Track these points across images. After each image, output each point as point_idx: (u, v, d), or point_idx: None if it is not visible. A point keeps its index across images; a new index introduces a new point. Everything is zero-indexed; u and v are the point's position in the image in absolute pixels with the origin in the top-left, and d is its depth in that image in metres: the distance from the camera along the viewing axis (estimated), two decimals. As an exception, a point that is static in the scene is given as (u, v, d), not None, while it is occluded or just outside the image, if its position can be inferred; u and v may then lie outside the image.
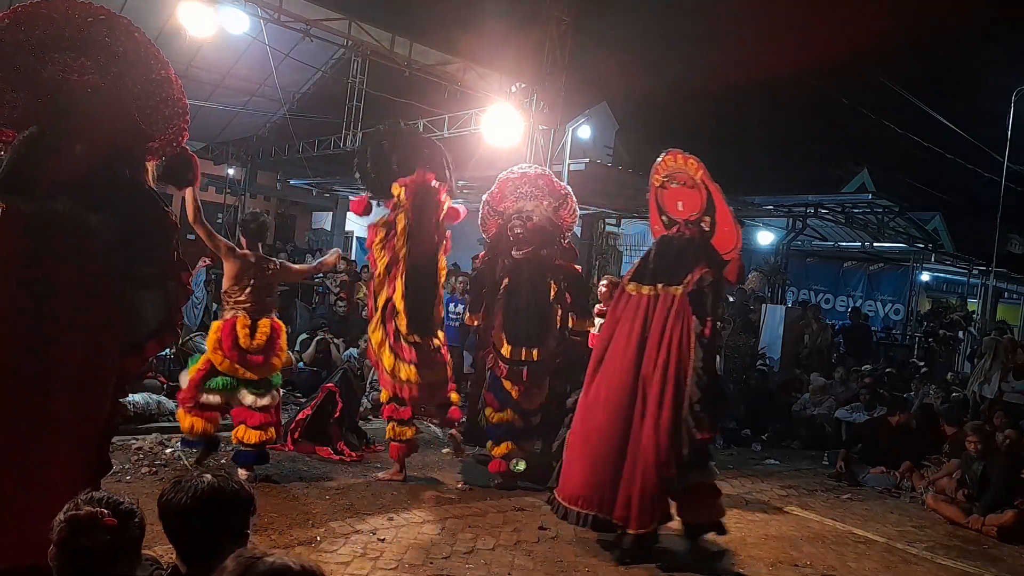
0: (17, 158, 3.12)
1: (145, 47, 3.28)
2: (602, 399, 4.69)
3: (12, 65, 3.15)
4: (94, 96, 3.20)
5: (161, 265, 3.35)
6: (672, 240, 4.91)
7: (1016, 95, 16.90)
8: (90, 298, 3.18)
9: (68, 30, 3.17)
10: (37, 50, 3.15)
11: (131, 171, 3.32)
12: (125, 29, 3.26)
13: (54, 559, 1.90)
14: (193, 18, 8.22)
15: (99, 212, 3.16)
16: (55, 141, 3.16)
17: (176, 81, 3.36)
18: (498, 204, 6.37)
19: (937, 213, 19.69)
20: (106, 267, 3.22)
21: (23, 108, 3.17)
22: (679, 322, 4.57)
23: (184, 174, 3.51)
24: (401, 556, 4.32)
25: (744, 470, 7.75)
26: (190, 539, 2.01)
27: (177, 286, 3.40)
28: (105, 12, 3.24)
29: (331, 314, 11.08)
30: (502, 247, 6.19)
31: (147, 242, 3.30)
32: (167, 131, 3.35)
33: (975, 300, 18.48)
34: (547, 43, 9.14)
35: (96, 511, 1.90)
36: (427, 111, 12.36)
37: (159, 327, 3.38)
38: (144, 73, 3.29)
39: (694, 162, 4.87)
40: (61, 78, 3.17)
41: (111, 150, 3.25)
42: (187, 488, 2.01)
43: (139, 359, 3.47)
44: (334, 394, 6.68)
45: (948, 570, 5.30)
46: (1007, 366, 9.39)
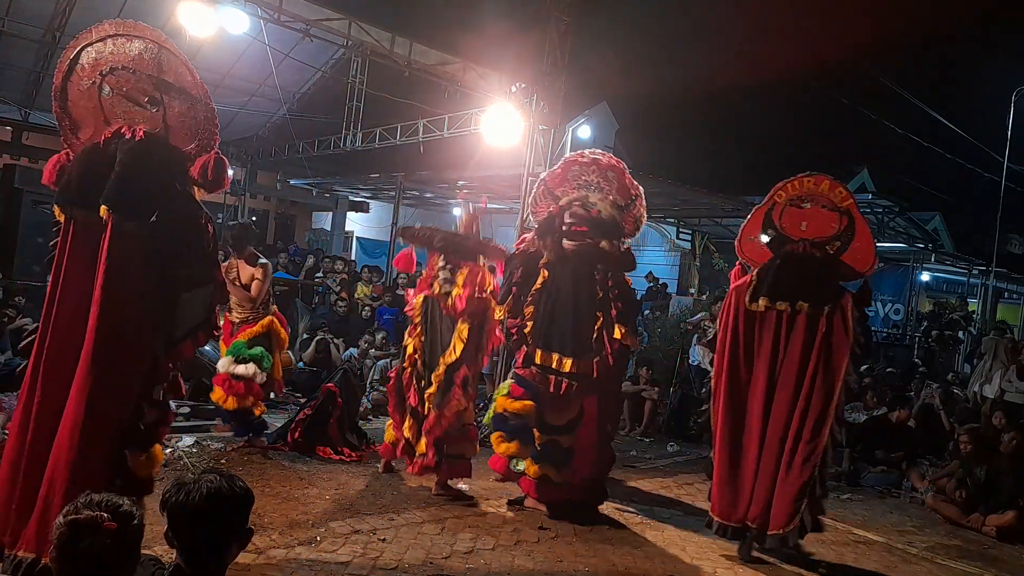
0: (75, 172, 3.41)
1: (181, 61, 3.46)
2: (742, 411, 4.96)
3: (89, 106, 3.53)
4: (140, 115, 3.48)
5: (197, 267, 3.49)
6: (803, 258, 4.96)
7: (1016, 95, 16.91)
8: (130, 300, 3.32)
9: (128, 63, 3.46)
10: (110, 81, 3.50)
11: (169, 176, 3.46)
12: (170, 50, 3.46)
13: (54, 562, 1.91)
14: (193, 18, 8.23)
15: (137, 218, 3.33)
16: (105, 155, 3.39)
17: (203, 85, 3.50)
18: (557, 187, 5.58)
19: (937, 213, 19.69)
20: (145, 271, 3.36)
21: (92, 135, 3.52)
22: (827, 339, 4.79)
23: (218, 177, 3.57)
24: (401, 556, 4.32)
25: (744, 470, 7.75)
26: (193, 539, 2.01)
27: (213, 287, 3.55)
28: (155, 36, 3.47)
29: (331, 314, 11.08)
30: (550, 235, 5.47)
31: (184, 246, 3.44)
32: (201, 135, 3.49)
33: (975, 300, 18.49)
34: (547, 43, 9.14)
35: (96, 515, 1.90)
36: (427, 111, 12.36)
37: (195, 327, 3.51)
38: (182, 88, 3.46)
39: (843, 190, 5.09)
40: (123, 113, 3.49)
41: (150, 158, 3.42)
42: (189, 488, 2.02)
43: (175, 359, 3.56)
44: (334, 394, 6.67)
45: (948, 570, 5.30)
46: (1008, 365, 9.38)
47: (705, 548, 5.08)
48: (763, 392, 4.88)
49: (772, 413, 4.86)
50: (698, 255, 18.52)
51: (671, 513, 5.84)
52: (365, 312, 11.55)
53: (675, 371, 9.40)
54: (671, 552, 4.91)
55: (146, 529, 2.04)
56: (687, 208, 14.77)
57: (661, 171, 13.04)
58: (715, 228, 17.36)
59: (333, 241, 19.07)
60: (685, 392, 9.34)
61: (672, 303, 12.73)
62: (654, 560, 4.72)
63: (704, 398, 9.05)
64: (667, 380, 9.43)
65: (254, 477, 5.46)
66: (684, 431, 9.13)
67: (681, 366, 9.42)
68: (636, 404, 9.13)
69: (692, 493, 6.54)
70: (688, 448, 8.52)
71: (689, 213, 15.58)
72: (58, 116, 3.62)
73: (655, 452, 8.25)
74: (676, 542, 5.12)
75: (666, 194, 13.14)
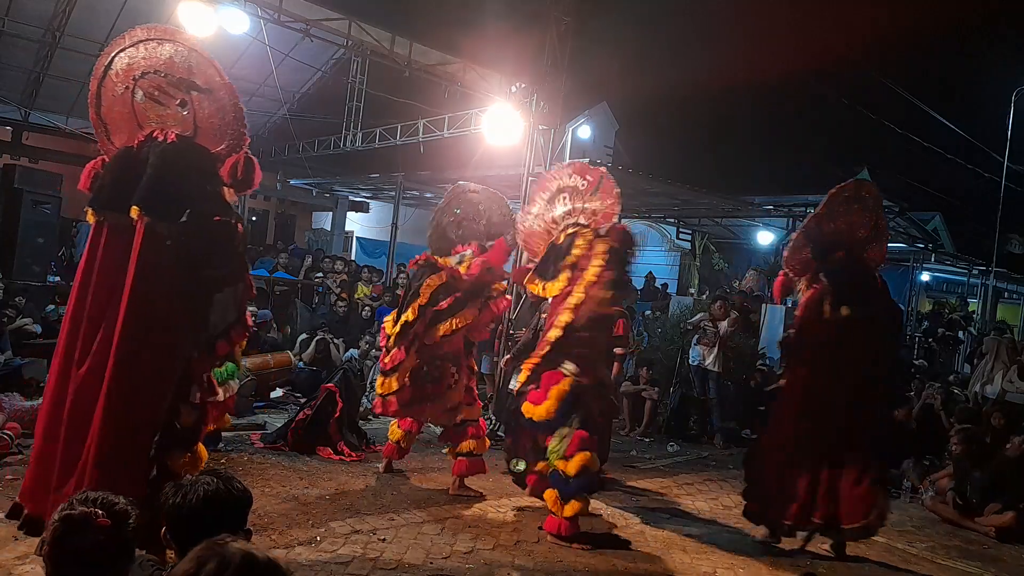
0: (108, 176, 3.49)
1: (211, 64, 3.51)
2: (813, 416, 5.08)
3: (124, 111, 3.58)
4: (172, 118, 3.53)
5: (228, 268, 3.53)
6: (857, 264, 5.26)
7: (1016, 95, 16.91)
8: (160, 300, 3.37)
9: (160, 66, 3.51)
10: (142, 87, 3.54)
11: (199, 178, 3.51)
12: (199, 53, 3.51)
13: (47, 557, 1.91)
14: (193, 18, 8.22)
15: (168, 219, 3.38)
16: (137, 159, 3.45)
17: (232, 87, 3.54)
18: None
19: (937, 213, 19.66)
20: (176, 271, 3.41)
21: (127, 139, 3.58)
22: (878, 339, 5.16)
23: (248, 177, 3.60)
24: (401, 556, 4.32)
25: (744, 470, 7.75)
26: (192, 540, 2.01)
27: (244, 288, 3.59)
28: (185, 40, 3.54)
29: (331, 314, 11.08)
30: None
31: (214, 246, 3.48)
32: (230, 136, 3.53)
33: (975, 300, 18.48)
34: (547, 43, 9.13)
35: (90, 511, 1.91)
36: (427, 111, 12.36)
37: (227, 328, 3.55)
38: (211, 90, 3.51)
39: (874, 189, 5.46)
40: (156, 117, 3.54)
41: (181, 160, 3.47)
42: (188, 490, 2.02)
43: (209, 359, 3.60)
44: (334, 394, 6.67)
45: (948, 570, 5.30)
46: (1009, 366, 9.37)
47: (705, 548, 5.08)
48: (831, 396, 5.06)
49: (835, 414, 5.05)
50: (698, 255, 18.51)
51: (671, 513, 5.84)
52: (365, 312, 11.55)
53: (675, 371, 9.39)
54: (671, 552, 4.91)
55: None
56: (687, 208, 14.76)
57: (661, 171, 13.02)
58: (715, 228, 17.35)
59: (333, 241, 19.06)
60: (685, 392, 9.34)
61: (672, 303, 12.72)
62: (654, 560, 4.72)
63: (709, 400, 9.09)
64: (667, 380, 9.43)
65: (254, 477, 5.46)
66: (684, 431, 9.14)
67: (681, 366, 9.42)
68: (636, 404, 9.13)
69: (692, 493, 6.54)
70: (688, 448, 8.53)
71: (689, 213, 15.57)
72: (93, 122, 3.68)
73: (655, 452, 8.25)
74: (676, 542, 5.12)
75: (666, 194, 13.13)
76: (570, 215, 5.39)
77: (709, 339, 9.00)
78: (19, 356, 7.33)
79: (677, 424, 9.14)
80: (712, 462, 8.01)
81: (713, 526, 5.63)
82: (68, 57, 12.34)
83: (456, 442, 5.74)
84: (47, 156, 14.59)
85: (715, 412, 9.06)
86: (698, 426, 9.24)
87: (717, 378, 9.02)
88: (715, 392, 9.02)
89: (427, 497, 5.52)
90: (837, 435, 5.05)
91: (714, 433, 9.02)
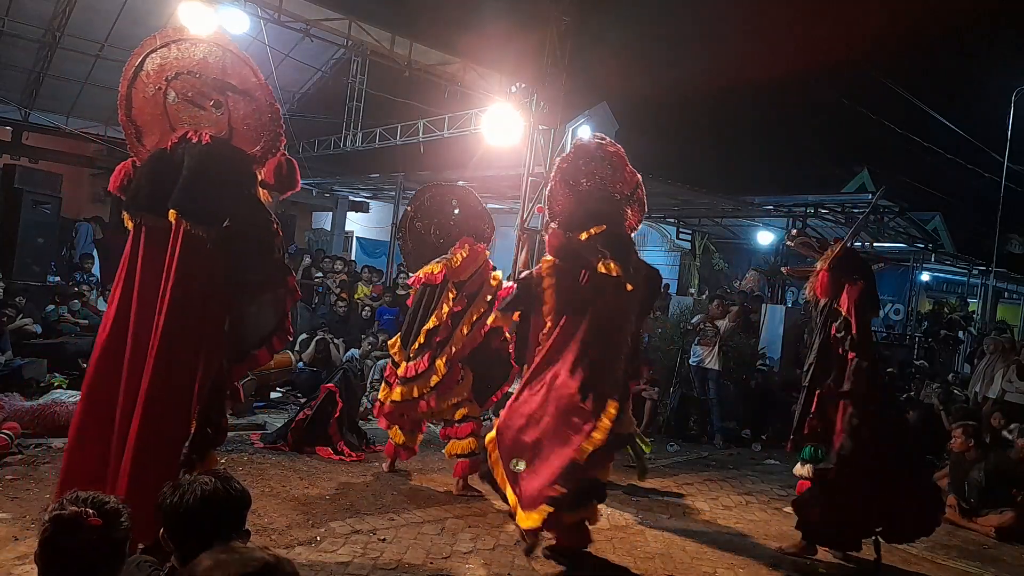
0: (143, 179, 3.46)
1: (246, 64, 3.47)
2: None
3: (155, 112, 3.55)
4: (205, 119, 3.50)
5: (268, 273, 3.47)
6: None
7: (1016, 95, 16.91)
8: (198, 305, 3.34)
9: (193, 67, 3.48)
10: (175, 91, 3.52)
11: (236, 179, 3.47)
12: (234, 54, 3.47)
13: (39, 558, 1.91)
14: (193, 18, 8.23)
15: (206, 222, 3.34)
16: (172, 160, 3.42)
17: (267, 87, 3.51)
18: (571, 176, 4.91)
19: (937, 213, 19.69)
20: (214, 275, 3.37)
21: (158, 141, 3.55)
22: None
23: (290, 178, 3.57)
24: (401, 556, 4.32)
25: (744, 470, 7.76)
26: (189, 540, 2.01)
27: (284, 293, 3.52)
28: (220, 41, 3.51)
29: (331, 314, 11.08)
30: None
31: (254, 250, 3.43)
32: (266, 137, 3.48)
33: (975, 300, 18.49)
34: (547, 43, 9.14)
35: (81, 511, 1.90)
36: (427, 111, 12.37)
37: (268, 334, 3.50)
38: (246, 90, 3.47)
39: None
40: (189, 118, 3.51)
41: (217, 162, 3.43)
42: (185, 490, 2.02)
43: (248, 365, 3.58)
44: (334, 394, 6.67)
45: (948, 570, 5.30)
46: (1008, 365, 9.37)
47: (705, 548, 5.08)
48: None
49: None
50: (698, 255, 18.51)
51: (671, 513, 5.84)
52: (365, 312, 11.55)
53: (675, 371, 9.39)
54: (671, 552, 4.91)
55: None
56: (687, 208, 14.77)
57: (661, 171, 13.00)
58: (715, 228, 17.35)
59: (333, 241, 19.05)
60: (685, 392, 9.34)
61: (672, 303, 12.71)
62: (654, 560, 4.72)
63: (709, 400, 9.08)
64: (667, 380, 9.43)
65: (254, 477, 5.46)
66: (684, 431, 9.13)
67: (681, 366, 9.42)
68: (636, 404, 9.12)
69: (692, 493, 6.54)
70: (688, 448, 8.53)
71: (689, 213, 15.58)
72: (123, 124, 3.64)
73: (655, 452, 8.24)
74: (676, 542, 5.12)
75: (666, 194, 13.13)
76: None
77: (709, 339, 9.01)
78: (19, 356, 7.34)
79: (677, 424, 9.14)
80: (712, 462, 8.01)
81: (713, 526, 5.64)
82: (68, 57, 12.35)
83: (456, 438, 5.76)
84: (47, 156, 14.60)
85: (715, 412, 9.06)
86: (698, 426, 9.24)
87: (717, 378, 9.02)
88: (715, 392, 9.02)
89: (427, 497, 5.52)
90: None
91: (714, 433, 9.02)
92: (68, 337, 8.37)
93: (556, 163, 4.95)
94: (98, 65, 12.57)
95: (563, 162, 4.84)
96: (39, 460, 5.30)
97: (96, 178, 17.25)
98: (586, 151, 4.80)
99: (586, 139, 4.88)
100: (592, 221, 4.59)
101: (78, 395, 6.43)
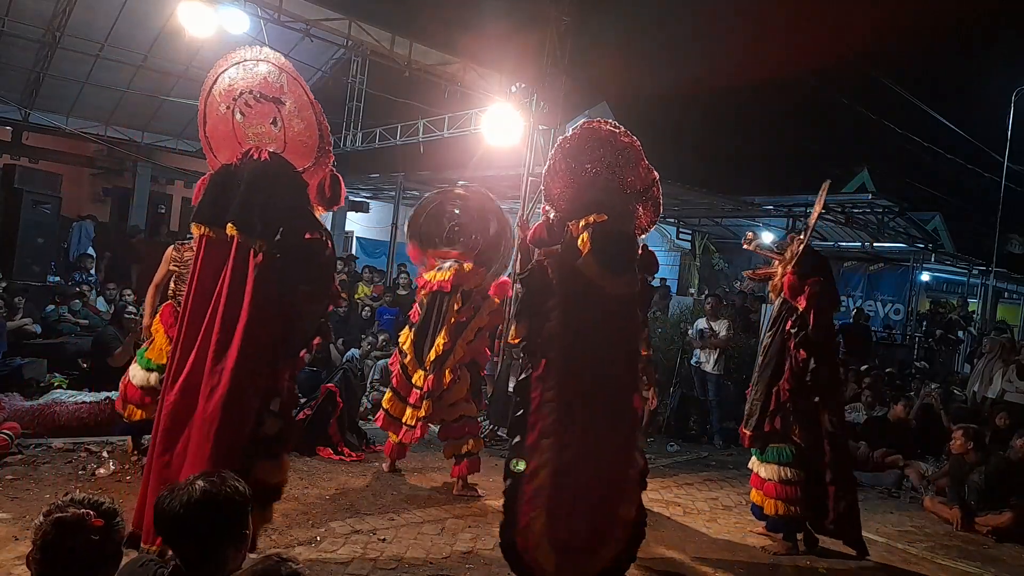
0: (208, 193, 3.69)
1: (297, 82, 3.62)
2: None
3: (226, 130, 3.74)
4: (267, 136, 3.68)
5: (317, 283, 3.65)
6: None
7: (1016, 95, 16.92)
8: (254, 314, 3.49)
9: (256, 86, 3.63)
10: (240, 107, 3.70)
11: (291, 194, 3.63)
12: (288, 73, 3.63)
13: (36, 562, 1.91)
14: (193, 18, 8.23)
15: (261, 236, 3.52)
16: (235, 176, 3.61)
17: (317, 105, 3.65)
18: (574, 159, 4.28)
19: (937, 213, 19.67)
20: (269, 287, 3.53)
21: (229, 156, 3.75)
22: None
23: (336, 194, 3.73)
24: (401, 556, 4.32)
25: (744, 470, 7.71)
26: (188, 542, 2.01)
27: (328, 300, 3.73)
28: (276, 59, 3.64)
29: (331, 314, 11.06)
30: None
31: (306, 263, 3.60)
32: (316, 154, 3.64)
33: (975, 300, 18.49)
34: (547, 43, 9.13)
35: (83, 512, 1.90)
36: (427, 111, 12.37)
37: (310, 338, 3.72)
38: (300, 109, 3.62)
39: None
40: (253, 135, 3.68)
41: (273, 177, 3.60)
42: (183, 492, 2.01)
43: (293, 368, 3.77)
44: (334, 394, 6.67)
45: (948, 570, 5.30)
46: (1008, 365, 9.37)
47: (705, 548, 5.09)
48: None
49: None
50: (698, 255, 18.52)
51: (671, 513, 5.84)
52: (365, 312, 11.55)
53: (675, 371, 9.39)
54: (671, 552, 4.91)
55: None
56: (687, 208, 14.77)
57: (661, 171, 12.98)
58: (715, 228, 17.35)
59: (333, 241, 19.04)
60: (685, 392, 9.34)
61: (672, 303, 12.71)
62: (654, 560, 4.72)
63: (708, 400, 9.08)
64: (667, 380, 9.43)
65: (254, 477, 5.46)
66: (684, 431, 9.13)
67: (681, 366, 9.42)
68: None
69: (692, 493, 6.54)
70: (688, 448, 8.53)
71: (689, 213, 15.58)
72: (202, 140, 3.87)
73: (655, 452, 8.23)
74: (676, 542, 5.12)
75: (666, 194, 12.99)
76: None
77: (708, 344, 9.02)
78: (19, 356, 7.33)
79: (677, 424, 9.14)
80: (712, 462, 8.01)
81: (713, 526, 5.64)
82: (68, 57, 12.34)
83: (454, 438, 5.76)
84: (47, 156, 14.60)
85: (714, 413, 9.07)
86: (698, 426, 9.24)
87: (716, 379, 9.04)
88: (715, 393, 9.03)
89: (427, 497, 5.52)
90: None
91: (713, 434, 9.02)
92: (68, 337, 8.37)
93: (559, 141, 4.27)
94: (98, 65, 12.56)
95: (567, 141, 4.17)
96: (39, 460, 5.30)
97: (96, 178, 17.27)
98: (595, 133, 4.13)
99: (597, 122, 4.18)
100: (593, 209, 4.01)
101: (78, 395, 6.48)
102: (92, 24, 11.69)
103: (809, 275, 5.07)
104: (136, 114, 14.59)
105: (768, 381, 5.10)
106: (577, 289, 3.96)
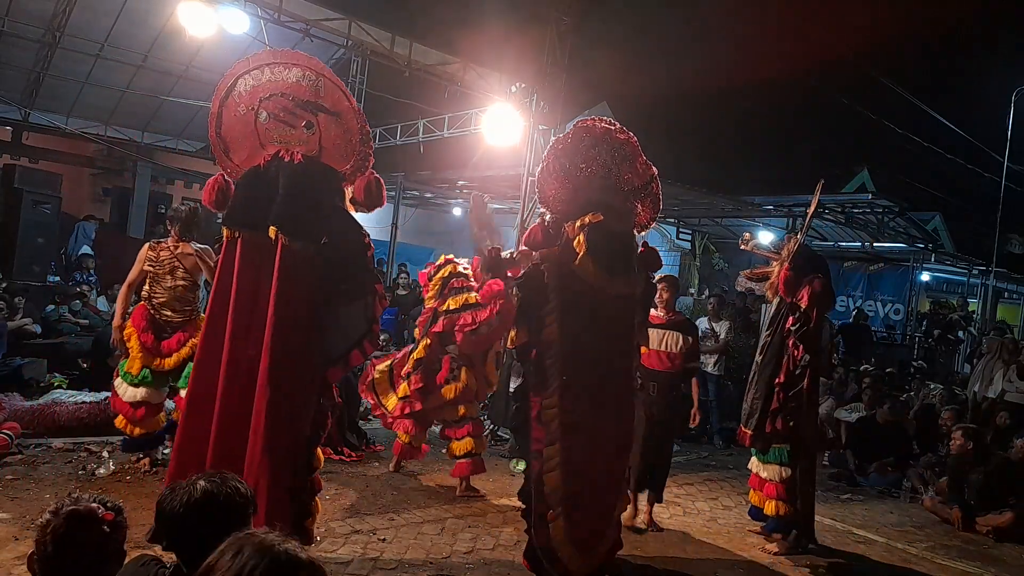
0: (239, 196, 3.71)
1: (338, 88, 3.67)
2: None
3: (245, 131, 3.75)
4: (295, 138, 3.70)
5: (359, 282, 3.68)
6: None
7: (1016, 95, 16.91)
8: (301, 315, 3.56)
9: (287, 89, 3.68)
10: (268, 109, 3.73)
11: (329, 195, 3.68)
12: (327, 78, 3.67)
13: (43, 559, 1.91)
14: (193, 18, 8.23)
15: (303, 238, 3.56)
16: (266, 177, 3.64)
17: (358, 111, 3.70)
18: (568, 160, 4.16)
19: (937, 213, 19.67)
20: (313, 286, 3.59)
21: (247, 157, 3.79)
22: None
23: (378, 196, 3.78)
24: (401, 556, 4.32)
25: (744, 470, 7.71)
26: (189, 542, 2.01)
27: (374, 300, 3.73)
28: (313, 65, 3.69)
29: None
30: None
31: (346, 262, 3.65)
32: (356, 156, 3.69)
33: (975, 300, 18.48)
34: (547, 43, 9.14)
35: (95, 506, 1.92)
36: (427, 111, 12.37)
37: (360, 338, 3.70)
38: (339, 113, 3.66)
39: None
40: (279, 137, 3.70)
41: (311, 179, 3.64)
42: (183, 492, 2.01)
43: (342, 369, 3.78)
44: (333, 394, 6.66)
45: (948, 570, 5.30)
46: (1009, 365, 9.36)
47: (704, 548, 5.09)
48: None
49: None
50: (698, 255, 18.52)
51: (671, 513, 5.84)
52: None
53: (675, 371, 9.38)
54: (671, 552, 4.91)
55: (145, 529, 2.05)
56: (687, 208, 14.77)
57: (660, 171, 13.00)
58: (715, 228, 17.34)
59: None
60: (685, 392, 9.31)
61: (672, 303, 12.71)
62: (654, 560, 4.72)
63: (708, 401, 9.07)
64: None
65: (254, 477, 5.45)
66: (684, 431, 9.11)
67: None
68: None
69: (692, 493, 6.54)
70: (688, 448, 8.52)
71: (689, 213, 15.58)
72: (212, 140, 3.87)
73: (655, 452, 8.24)
74: (676, 542, 5.13)
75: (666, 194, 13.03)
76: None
77: (710, 347, 9.02)
78: (19, 356, 7.33)
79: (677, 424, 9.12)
80: (712, 462, 8.02)
81: (713, 526, 5.64)
82: (68, 57, 12.34)
83: (456, 438, 5.74)
84: (47, 156, 14.60)
85: (714, 413, 9.06)
86: (698, 426, 9.22)
87: (717, 380, 9.04)
88: (715, 394, 9.03)
89: (427, 497, 5.52)
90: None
91: (713, 434, 9.02)
92: (68, 337, 8.37)
93: (552, 142, 4.22)
94: (98, 65, 12.56)
95: (560, 141, 4.13)
96: (39, 460, 5.30)
97: (96, 178, 17.27)
98: (589, 132, 4.07)
99: (591, 120, 4.13)
100: (588, 210, 3.94)
101: (78, 395, 6.48)
102: (92, 24, 11.69)
103: (807, 273, 5.07)
104: (136, 114, 14.60)
105: (768, 380, 5.10)
106: (575, 291, 3.89)
